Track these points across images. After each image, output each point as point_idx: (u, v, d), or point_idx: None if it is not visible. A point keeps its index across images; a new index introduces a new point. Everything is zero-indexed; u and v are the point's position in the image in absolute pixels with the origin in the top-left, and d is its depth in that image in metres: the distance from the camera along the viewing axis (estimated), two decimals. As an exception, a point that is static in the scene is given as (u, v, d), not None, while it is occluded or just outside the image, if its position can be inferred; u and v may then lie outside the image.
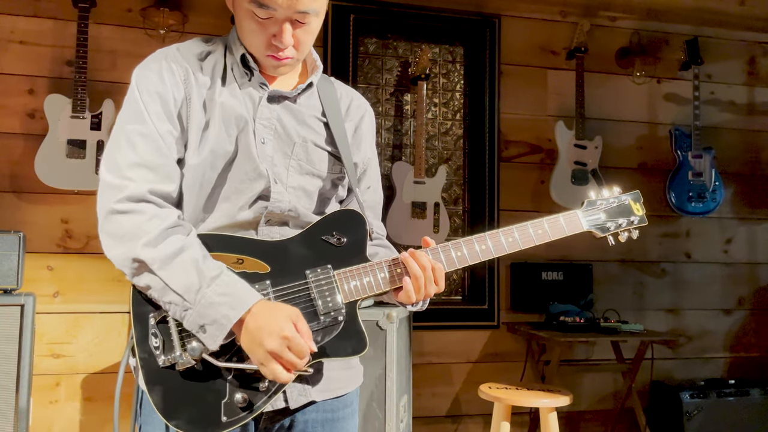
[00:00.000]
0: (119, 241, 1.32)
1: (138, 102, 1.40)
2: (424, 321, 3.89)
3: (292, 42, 1.43)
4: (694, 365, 4.43)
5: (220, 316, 1.28)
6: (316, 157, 1.52)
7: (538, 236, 1.54)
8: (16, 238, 2.89)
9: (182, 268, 1.30)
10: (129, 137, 1.38)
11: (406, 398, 3.10)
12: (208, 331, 1.29)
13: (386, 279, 1.44)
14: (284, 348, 1.28)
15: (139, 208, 1.33)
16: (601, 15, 4.39)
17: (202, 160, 1.41)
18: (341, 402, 1.53)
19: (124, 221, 1.32)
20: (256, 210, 1.45)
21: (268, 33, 1.42)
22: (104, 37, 3.60)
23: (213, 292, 1.29)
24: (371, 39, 4.16)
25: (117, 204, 1.32)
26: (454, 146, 4.25)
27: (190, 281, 1.29)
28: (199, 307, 1.29)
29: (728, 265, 4.55)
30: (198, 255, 1.32)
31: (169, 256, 1.30)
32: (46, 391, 3.45)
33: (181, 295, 1.29)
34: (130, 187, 1.33)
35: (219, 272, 1.32)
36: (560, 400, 3.06)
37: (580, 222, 1.60)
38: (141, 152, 1.36)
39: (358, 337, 1.41)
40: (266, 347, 1.28)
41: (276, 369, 1.29)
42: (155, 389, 1.32)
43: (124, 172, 1.35)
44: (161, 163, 1.38)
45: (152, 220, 1.32)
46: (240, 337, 1.32)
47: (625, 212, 1.64)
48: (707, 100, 4.51)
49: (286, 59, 1.46)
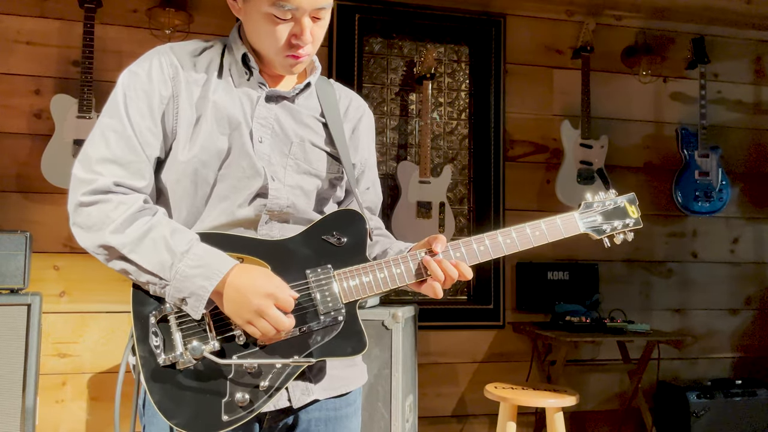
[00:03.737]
0: (88, 231, 1.35)
1: (117, 98, 1.43)
2: (430, 321, 3.89)
3: (311, 39, 1.44)
4: (700, 365, 4.42)
5: (196, 287, 1.31)
6: (314, 156, 1.52)
7: (536, 237, 1.54)
8: (22, 238, 2.90)
9: (152, 247, 1.32)
10: (103, 132, 1.40)
11: (411, 398, 3.10)
12: (189, 303, 1.32)
13: (386, 279, 1.44)
14: (270, 304, 1.32)
15: (104, 198, 1.35)
16: (607, 14, 4.37)
17: (192, 157, 1.41)
18: (344, 400, 1.53)
19: (91, 211, 1.35)
20: (256, 207, 1.45)
21: (287, 33, 1.42)
22: (110, 37, 3.62)
23: (186, 265, 1.31)
24: (376, 39, 4.16)
25: (83, 197, 1.35)
26: (460, 146, 4.25)
27: (161, 259, 1.32)
28: (176, 282, 1.31)
29: (735, 265, 4.53)
30: (166, 232, 1.34)
31: (138, 238, 1.33)
32: (53, 391, 3.46)
33: (156, 274, 1.32)
34: (98, 180, 1.36)
35: (189, 245, 1.34)
36: (567, 400, 3.05)
37: (577, 224, 1.60)
38: (113, 147, 1.38)
39: (358, 337, 1.41)
40: (252, 306, 1.31)
41: (265, 326, 1.32)
42: (155, 388, 1.32)
43: (94, 167, 1.37)
44: (132, 160, 1.39)
45: (118, 207, 1.34)
46: (222, 304, 1.34)
47: (620, 214, 1.64)
48: (714, 99, 4.49)
49: (305, 57, 1.47)
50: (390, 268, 1.44)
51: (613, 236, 1.64)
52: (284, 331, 1.34)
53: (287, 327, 1.34)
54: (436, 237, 1.47)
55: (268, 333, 1.32)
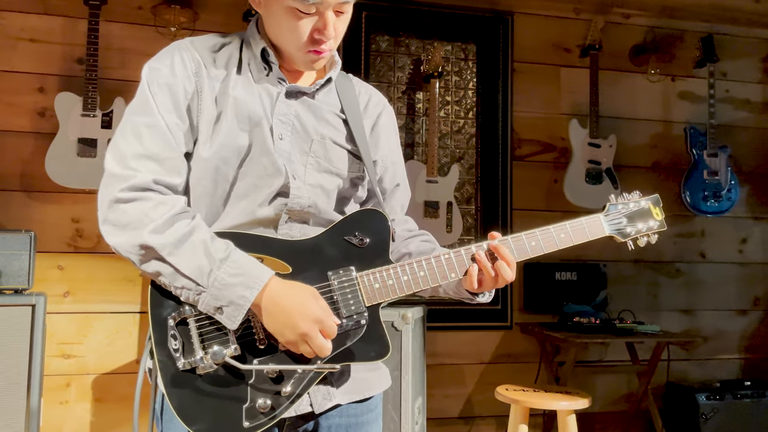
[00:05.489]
0: (124, 229, 1.30)
1: (146, 93, 1.38)
2: (437, 321, 3.85)
3: (334, 33, 1.40)
4: (708, 366, 4.39)
5: (236, 296, 1.27)
6: (335, 155, 1.48)
7: (561, 240, 1.51)
8: (26, 238, 2.87)
9: (192, 251, 1.28)
10: (135, 128, 1.35)
11: (420, 400, 3.06)
12: (225, 312, 1.28)
13: (409, 282, 1.40)
14: (317, 331, 1.29)
15: (144, 195, 1.31)
16: (615, 12, 4.34)
17: (213, 154, 1.38)
18: (365, 406, 1.49)
19: (129, 209, 1.30)
20: (276, 207, 1.41)
21: (310, 28, 1.39)
22: (115, 34, 3.58)
23: (225, 273, 1.27)
24: (383, 36, 4.12)
25: (121, 193, 1.30)
26: (467, 145, 4.21)
27: (200, 264, 1.28)
28: (213, 289, 1.27)
29: (743, 265, 4.50)
30: (206, 236, 1.30)
31: (179, 240, 1.28)
32: (57, 392, 3.42)
33: (193, 279, 1.28)
34: (136, 177, 1.31)
35: (227, 252, 1.29)
36: (579, 403, 3.01)
37: (602, 226, 1.56)
38: (147, 144, 1.34)
39: (381, 341, 1.37)
40: (299, 329, 1.28)
41: (306, 350, 1.30)
42: (175, 393, 1.28)
43: (129, 163, 1.32)
44: (168, 156, 1.35)
45: (158, 206, 1.30)
46: (262, 317, 1.30)
47: (644, 216, 1.60)
48: (722, 98, 4.46)
49: (327, 52, 1.43)
50: (413, 270, 1.40)
51: (637, 239, 1.60)
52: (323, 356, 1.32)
53: (328, 353, 1.31)
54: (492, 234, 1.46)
55: (307, 356, 1.31)
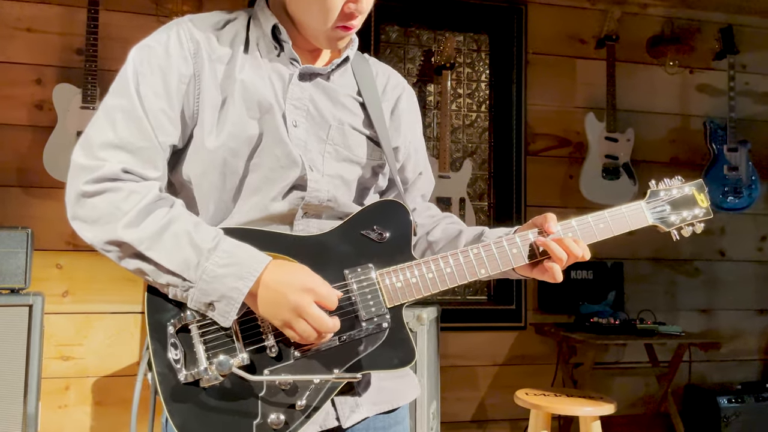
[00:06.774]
0: (95, 224, 1.16)
1: (126, 74, 1.24)
2: (449, 322, 3.72)
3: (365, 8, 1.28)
4: (728, 367, 4.28)
5: (227, 289, 1.14)
6: (354, 141, 1.35)
7: (600, 231, 1.38)
8: (23, 235, 2.79)
9: (174, 243, 1.15)
10: (109, 113, 1.21)
11: (435, 404, 2.94)
12: (217, 308, 1.15)
13: (435, 280, 1.27)
14: (310, 300, 1.15)
15: (113, 186, 1.16)
16: (632, 2, 4.22)
17: (220, 145, 1.24)
18: (393, 418, 1.36)
19: (98, 202, 1.16)
20: (292, 201, 1.28)
21: (342, 1, 1.25)
22: (115, 24, 3.47)
23: (214, 263, 1.14)
24: (393, 27, 4.00)
25: (86, 186, 1.16)
26: (480, 139, 4.08)
27: (185, 257, 1.14)
28: (202, 283, 1.14)
29: (764, 264, 4.39)
30: (189, 225, 1.17)
31: (157, 232, 1.15)
32: (55, 395, 3.34)
33: (178, 274, 1.15)
34: (103, 167, 1.17)
35: (216, 241, 1.16)
36: (604, 408, 2.86)
37: (645, 214, 1.44)
38: (120, 131, 1.19)
39: (405, 345, 1.24)
40: (290, 302, 1.14)
41: (304, 328, 1.15)
42: (176, 409, 1.14)
43: (97, 153, 1.18)
44: (142, 146, 1.20)
45: (130, 196, 1.16)
46: (257, 306, 1.17)
47: (689, 204, 1.48)
48: (741, 91, 4.33)
49: (355, 29, 1.30)
50: (439, 266, 1.27)
51: (682, 228, 1.47)
52: (327, 333, 1.17)
53: (330, 328, 1.16)
54: (545, 216, 1.32)
55: (308, 337, 1.15)
